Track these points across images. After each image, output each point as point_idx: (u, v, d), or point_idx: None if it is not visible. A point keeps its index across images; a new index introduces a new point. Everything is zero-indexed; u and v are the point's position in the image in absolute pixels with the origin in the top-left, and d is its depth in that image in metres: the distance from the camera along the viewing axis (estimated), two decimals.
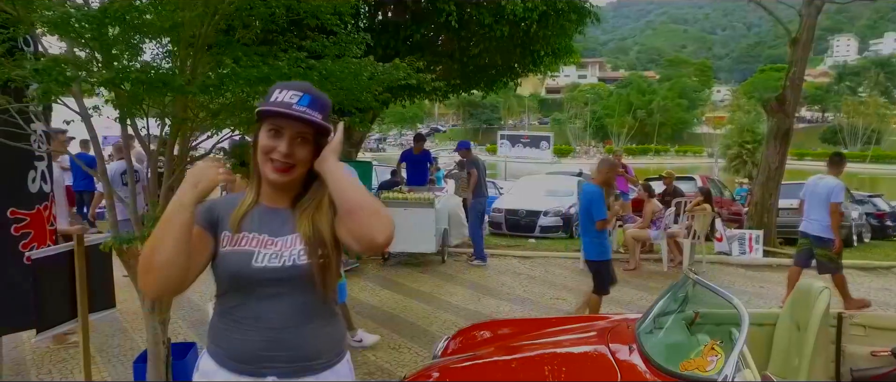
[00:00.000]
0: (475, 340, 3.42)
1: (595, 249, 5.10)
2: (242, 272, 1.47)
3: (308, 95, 1.47)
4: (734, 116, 46.52)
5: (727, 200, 13.38)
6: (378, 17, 8.32)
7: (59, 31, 1.89)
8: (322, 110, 1.48)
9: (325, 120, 1.48)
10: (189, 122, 2.49)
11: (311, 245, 1.47)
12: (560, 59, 9.62)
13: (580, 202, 5.29)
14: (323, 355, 1.56)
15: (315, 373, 1.54)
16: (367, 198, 1.43)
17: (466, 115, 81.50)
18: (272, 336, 1.49)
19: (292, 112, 1.43)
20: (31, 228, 3.25)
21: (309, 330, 1.52)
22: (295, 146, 1.46)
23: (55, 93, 1.91)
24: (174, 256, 1.37)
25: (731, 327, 3.18)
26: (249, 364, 1.50)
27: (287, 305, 1.49)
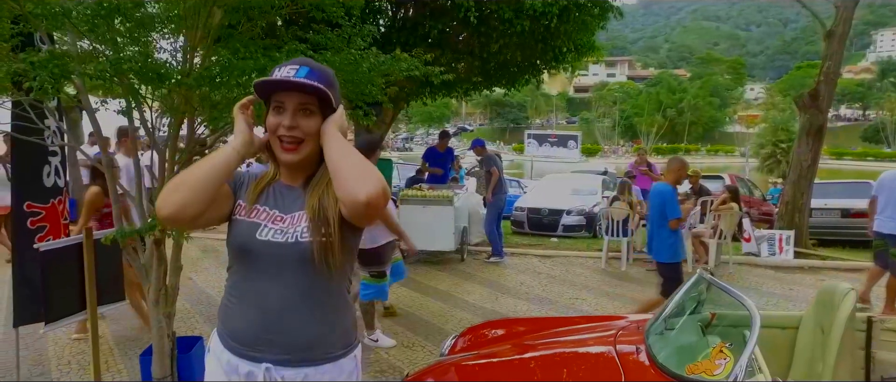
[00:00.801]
0: (484, 338, 3.36)
1: (668, 250, 4.91)
2: (246, 243, 1.47)
3: (306, 66, 1.44)
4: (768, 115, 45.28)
5: (757, 199, 13.00)
6: (399, 14, 8.31)
7: (49, 25, 1.90)
8: (323, 80, 1.44)
9: (331, 88, 1.45)
10: (189, 114, 2.48)
11: (315, 223, 1.43)
12: (583, 55, 9.47)
13: (650, 202, 5.13)
14: (324, 345, 1.48)
15: (314, 364, 1.47)
16: (352, 157, 1.38)
17: (493, 114, 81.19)
18: (270, 318, 1.45)
19: (287, 80, 1.41)
20: (46, 221, 3.31)
21: (310, 316, 1.46)
22: (298, 118, 1.44)
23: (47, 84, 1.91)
24: (204, 184, 1.38)
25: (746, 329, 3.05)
26: (247, 346, 1.47)
27: (289, 285, 1.45)
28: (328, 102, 1.45)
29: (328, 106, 1.46)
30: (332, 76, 1.50)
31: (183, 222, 1.40)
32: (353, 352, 1.56)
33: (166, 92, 2.26)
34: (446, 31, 7.78)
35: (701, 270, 2.70)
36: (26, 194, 3.27)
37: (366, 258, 4.57)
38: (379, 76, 2.76)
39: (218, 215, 1.50)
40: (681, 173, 5.14)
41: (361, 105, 3.28)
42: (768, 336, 3.20)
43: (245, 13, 2.60)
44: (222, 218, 1.52)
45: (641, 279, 7.31)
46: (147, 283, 2.77)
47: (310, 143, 1.46)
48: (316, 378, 1.48)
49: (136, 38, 2.37)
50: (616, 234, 7.81)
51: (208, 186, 1.38)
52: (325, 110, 1.46)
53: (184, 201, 1.36)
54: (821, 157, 9.88)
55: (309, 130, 1.44)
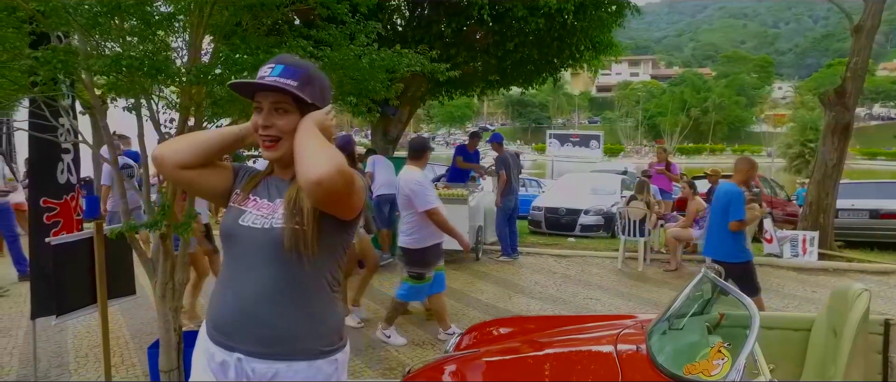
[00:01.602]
0: (490, 336, 3.34)
1: (734, 251, 4.78)
2: (230, 228, 1.51)
3: (281, 64, 1.47)
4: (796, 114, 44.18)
5: (782, 200, 12.69)
6: (415, 12, 8.33)
7: (52, 23, 1.95)
8: (296, 77, 1.45)
9: (304, 86, 1.45)
10: (193, 110, 2.52)
11: (289, 210, 1.44)
12: (601, 53, 9.38)
13: (715, 202, 5.00)
14: (296, 340, 1.44)
15: (285, 359, 1.43)
16: (311, 142, 1.38)
17: (515, 114, 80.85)
18: (244, 305, 1.45)
19: (255, 81, 1.44)
20: (60, 217, 3.39)
21: (283, 307, 1.43)
22: (273, 117, 1.46)
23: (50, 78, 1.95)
24: (198, 141, 1.52)
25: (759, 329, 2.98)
26: (223, 334, 1.47)
27: (264, 273, 1.45)
28: (304, 100, 1.46)
29: (308, 103, 1.47)
30: (311, 73, 1.50)
31: (169, 166, 1.49)
32: (334, 355, 1.50)
33: (169, 88, 2.30)
34: (462, 30, 7.78)
35: (705, 269, 2.64)
36: (42, 191, 3.36)
37: (410, 258, 4.53)
38: (381, 72, 2.76)
39: (209, 186, 1.57)
40: (750, 173, 5.00)
41: (366, 102, 3.29)
42: (780, 337, 3.12)
43: (250, 11, 2.63)
44: (214, 194, 1.59)
45: (658, 279, 7.20)
46: (154, 278, 2.82)
47: (287, 140, 1.47)
48: (288, 376, 1.44)
49: (143, 35, 2.41)
50: (633, 234, 7.71)
51: (202, 145, 1.51)
52: (304, 107, 1.47)
53: (176, 146, 1.50)
54: (853, 157, 9.62)
55: (283, 128, 1.46)
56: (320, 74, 1.55)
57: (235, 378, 1.46)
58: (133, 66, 1.96)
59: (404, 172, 4.65)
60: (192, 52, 2.38)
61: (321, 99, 1.51)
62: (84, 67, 2.06)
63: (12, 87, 2.73)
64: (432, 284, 4.74)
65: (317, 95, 1.49)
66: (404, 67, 2.90)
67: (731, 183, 4.93)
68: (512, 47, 7.81)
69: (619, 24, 8.43)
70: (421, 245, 4.47)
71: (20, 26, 2.59)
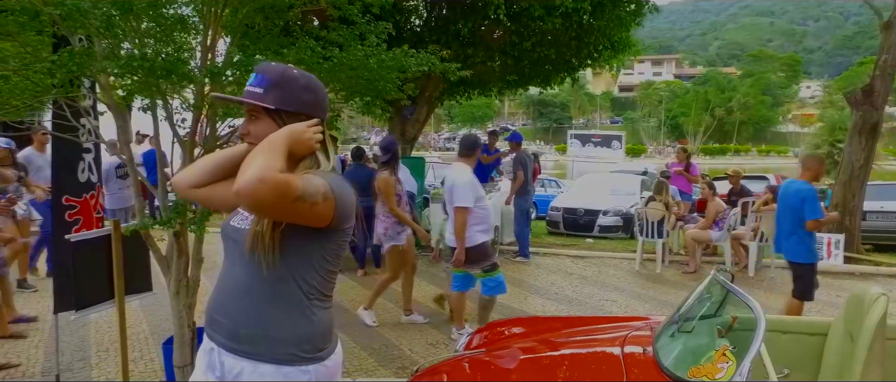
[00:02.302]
0: (500, 336, 3.33)
1: (804, 251, 4.73)
2: (223, 227, 1.58)
3: (259, 73, 1.49)
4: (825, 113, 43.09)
5: None
6: (432, 13, 8.36)
7: (67, 25, 2.01)
8: (262, 84, 1.46)
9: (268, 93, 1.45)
10: (205, 110, 2.57)
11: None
12: (620, 52, 9.30)
13: (784, 200, 4.85)
14: (261, 342, 1.44)
15: (251, 359, 1.43)
16: (254, 153, 1.37)
17: (536, 114, 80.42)
18: (220, 298, 1.52)
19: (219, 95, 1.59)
20: (80, 215, 3.48)
21: (249, 306, 1.45)
22: (249, 125, 1.51)
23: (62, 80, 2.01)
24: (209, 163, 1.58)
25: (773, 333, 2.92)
26: (207, 323, 1.55)
27: (239, 272, 1.49)
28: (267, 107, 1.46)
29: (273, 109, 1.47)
30: (280, 78, 1.48)
31: (183, 187, 1.56)
32: (306, 365, 1.46)
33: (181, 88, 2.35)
34: (479, 30, 7.78)
35: (715, 271, 2.61)
36: (64, 189, 3.45)
37: (472, 257, 4.49)
38: (391, 72, 2.78)
39: (222, 199, 1.58)
40: (819, 170, 4.92)
41: (379, 102, 3.31)
42: (795, 342, 3.06)
43: (262, 12, 2.67)
44: (228, 206, 1.61)
45: (676, 281, 7.10)
46: (168, 275, 2.88)
47: None
48: (252, 376, 1.44)
49: (159, 36, 2.47)
50: (651, 235, 7.62)
51: (211, 164, 1.57)
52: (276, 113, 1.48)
53: (189, 170, 1.59)
54: (882, 157, 9.37)
55: (257, 135, 1.47)
56: (299, 79, 1.51)
57: (209, 367, 1.53)
58: (145, 67, 2.01)
59: (453, 168, 4.66)
60: (205, 53, 2.43)
61: (295, 103, 1.49)
62: (99, 69, 2.12)
63: (35, 88, 2.81)
64: (464, 281, 4.72)
65: (287, 100, 1.47)
66: (414, 67, 2.91)
67: (802, 181, 4.78)
68: (529, 47, 7.79)
69: (637, 23, 8.35)
70: (472, 243, 4.42)
71: (42, 31, 2.67)
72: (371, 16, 2.94)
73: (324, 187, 1.40)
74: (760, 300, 2.63)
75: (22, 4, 2.15)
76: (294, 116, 1.48)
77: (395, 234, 5.06)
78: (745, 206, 7.80)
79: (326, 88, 3.20)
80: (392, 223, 5.05)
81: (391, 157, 5.10)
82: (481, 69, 8.26)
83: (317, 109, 1.53)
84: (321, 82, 1.59)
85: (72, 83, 2.26)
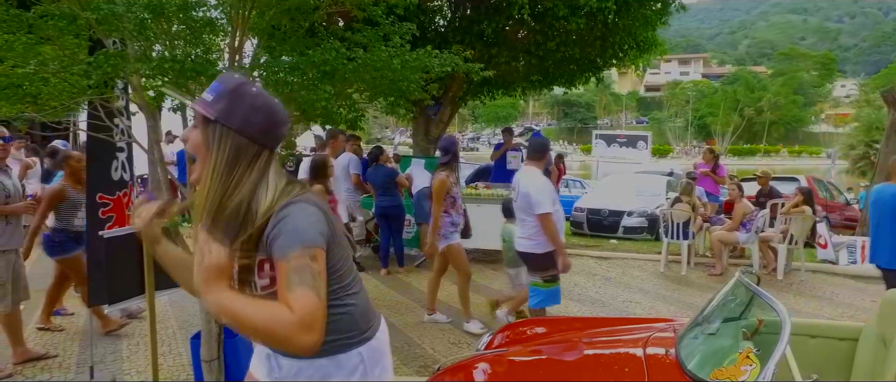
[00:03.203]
0: (522, 335, 3.34)
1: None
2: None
3: (217, 80, 1.39)
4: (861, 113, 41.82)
5: (839, 204, 12.10)
6: (457, 13, 8.39)
7: (103, 29, 2.08)
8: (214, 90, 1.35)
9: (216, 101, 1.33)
10: None
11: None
12: (645, 52, 9.20)
13: (880, 205, 4.61)
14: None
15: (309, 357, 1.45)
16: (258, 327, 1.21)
17: (561, 114, 79.86)
18: None
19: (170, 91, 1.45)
20: (113, 212, 3.59)
21: None
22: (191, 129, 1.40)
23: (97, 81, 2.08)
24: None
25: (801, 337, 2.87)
26: None
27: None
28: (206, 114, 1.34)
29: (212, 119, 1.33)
30: (238, 90, 1.35)
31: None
32: (356, 349, 1.50)
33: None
34: (503, 30, 7.77)
35: (740, 273, 2.57)
36: (98, 187, 3.56)
37: (535, 263, 4.39)
38: (414, 73, 2.81)
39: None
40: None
41: (402, 102, 3.34)
42: (825, 346, 2.99)
43: (288, 14, 2.73)
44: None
45: (702, 284, 6.99)
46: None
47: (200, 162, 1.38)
48: (309, 373, 1.47)
49: (188, 38, 2.53)
50: (677, 236, 7.51)
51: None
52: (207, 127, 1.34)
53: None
54: None
55: (192, 143, 1.38)
56: (255, 98, 1.36)
57: (269, 372, 1.53)
58: (176, 68, 2.07)
59: (525, 172, 4.51)
60: (233, 54, 2.49)
61: (238, 121, 1.33)
62: (132, 71, 2.19)
63: (72, 90, 2.91)
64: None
65: (231, 115, 1.33)
66: (437, 68, 2.93)
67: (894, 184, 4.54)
68: (553, 47, 7.76)
69: (663, 22, 8.24)
70: (545, 249, 4.28)
71: (79, 34, 2.77)
72: (395, 17, 2.97)
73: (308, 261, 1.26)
74: (790, 305, 2.58)
75: (61, 9, 2.24)
76: (233, 134, 1.33)
77: (448, 233, 4.97)
78: (773, 208, 7.64)
79: (351, 88, 3.26)
80: (446, 223, 4.94)
81: (451, 157, 4.98)
82: (505, 69, 8.26)
83: (263, 135, 1.36)
84: (283, 112, 1.41)
85: (106, 84, 2.34)
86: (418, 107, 8.33)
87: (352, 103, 2.99)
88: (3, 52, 2.33)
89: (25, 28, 2.32)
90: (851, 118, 48.58)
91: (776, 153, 60.45)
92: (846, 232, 9.72)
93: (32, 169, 8.02)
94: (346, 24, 4.97)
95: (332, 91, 2.54)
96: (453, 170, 4.99)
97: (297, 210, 1.33)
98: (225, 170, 1.33)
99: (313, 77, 2.60)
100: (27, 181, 7.54)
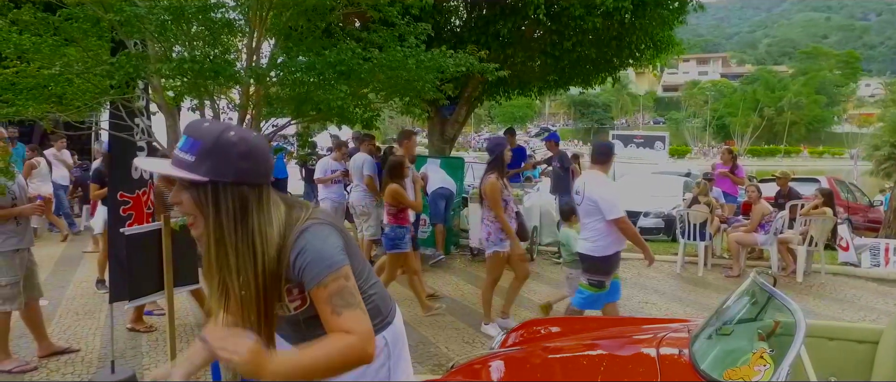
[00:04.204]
0: (536, 334, 3.34)
1: None
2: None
3: (190, 136, 1.30)
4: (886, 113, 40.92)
5: (862, 205, 11.87)
6: (473, 13, 8.40)
7: (125, 31, 2.14)
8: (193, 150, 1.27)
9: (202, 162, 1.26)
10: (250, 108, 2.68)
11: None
12: (663, 51, 9.13)
13: None
14: None
15: None
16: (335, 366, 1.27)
17: (577, 114, 79.39)
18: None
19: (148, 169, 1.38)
20: (133, 210, 3.67)
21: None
22: (180, 193, 1.32)
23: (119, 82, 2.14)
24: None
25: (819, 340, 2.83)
26: None
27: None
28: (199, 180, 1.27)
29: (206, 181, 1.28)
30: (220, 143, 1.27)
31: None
32: (380, 333, 1.58)
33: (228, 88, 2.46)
34: (519, 29, 7.77)
35: (755, 274, 2.55)
36: (119, 185, 3.64)
37: (591, 265, 4.37)
38: (429, 73, 2.83)
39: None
40: None
41: (418, 102, 3.37)
42: (843, 349, 2.95)
43: (305, 15, 2.76)
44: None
45: (718, 285, 6.92)
46: None
47: (201, 219, 1.32)
48: None
49: (208, 39, 2.58)
50: (693, 237, 7.44)
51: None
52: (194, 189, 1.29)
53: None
54: None
55: (187, 208, 1.31)
56: (237, 145, 1.29)
57: None
58: (195, 69, 2.12)
59: (590, 176, 4.49)
60: (250, 55, 2.54)
61: (231, 173, 1.28)
62: (153, 71, 2.24)
63: (94, 90, 2.99)
64: (608, 292, 4.53)
65: (222, 170, 1.28)
66: (452, 68, 2.95)
67: None
68: (569, 46, 7.73)
69: (681, 22, 8.17)
70: (604, 253, 4.29)
71: (102, 35, 2.84)
72: (410, 17, 2.99)
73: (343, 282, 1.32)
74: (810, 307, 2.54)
75: (85, 12, 2.30)
76: (231, 187, 1.29)
77: (498, 239, 4.86)
78: (793, 209, 7.53)
79: (367, 88, 3.29)
80: (496, 229, 4.84)
81: (497, 159, 4.82)
82: (521, 69, 8.24)
83: (257, 176, 1.33)
84: (264, 143, 1.38)
85: (128, 85, 2.40)
86: (433, 107, 8.35)
87: (367, 103, 3.02)
88: (31, 54, 2.40)
89: (52, 30, 2.38)
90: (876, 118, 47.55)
91: (797, 154, 59.42)
92: (870, 234, 9.54)
93: (37, 169, 8.16)
94: (362, 24, 5.01)
95: (347, 91, 2.57)
96: (501, 173, 4.82)
97: (312, 237, 1.34)
98: (240, 226, 1.30)
99: (329, 77, 2.64)
100: (31, 180, 7.67)
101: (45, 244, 8.26)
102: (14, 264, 3.79)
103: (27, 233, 3.99)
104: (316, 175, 8.06)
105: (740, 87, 71.40)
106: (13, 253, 3.79)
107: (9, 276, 3.75)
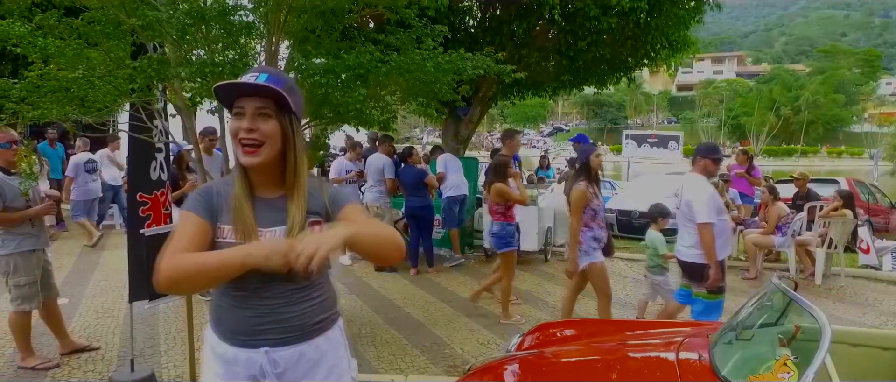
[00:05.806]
0: (552, 337, 3.33)
1: None
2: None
3: (265, 73, 1.51)
4: None
5: (883, 207, 11.67)
6: (487, 14, 8.38)
7: (147, 35, 2.16)
8: (282, 84, 1.50)
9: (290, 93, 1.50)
10: None
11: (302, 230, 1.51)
12: (678, 51, 9.04)
13: None
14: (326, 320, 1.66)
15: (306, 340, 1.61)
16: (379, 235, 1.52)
17: (591, 114, 79.02)
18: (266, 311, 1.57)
19: (242, 81, 1.46)
20: (151, 211, 3.70)
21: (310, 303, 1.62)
22: (257, 121, 1.49)
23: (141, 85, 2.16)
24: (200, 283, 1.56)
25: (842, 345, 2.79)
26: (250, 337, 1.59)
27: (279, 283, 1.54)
28: (287, 107, 1.51)
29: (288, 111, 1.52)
30: (293, 84, 1.56)
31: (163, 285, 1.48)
32: (338, 322, 1.70)
33: None
34: (534, 30, 7.74)
35: (774, 278, 2.51)
36: (138, 186, 3.68)
37: (695, 272, 4.21)
38: (446, 75, 2.83)
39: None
40: None
41: (435, 103, 3.37)
42: (868, 355, 2.90)
43: (322, 17, 2.78)
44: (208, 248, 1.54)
45: (735, 288, 6.83)
46: None
47: (269, 146, 1.50)
48: (309, 353, 1.60)
49: (227, 42, 2.61)
50: None
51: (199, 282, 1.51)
52: (283, 117, 1.52)
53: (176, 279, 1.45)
54: None
55: (267, 133, 1.49)
56: (298, 88, 1.61)
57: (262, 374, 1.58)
58: (215, 72, 2.14)
59: (689, 179, 4.35)
60: (268, 57, 2.55)
61: (300, 110, 1.60)
62: (174, 74, 2.27)
63: (115, 92, 3.03)
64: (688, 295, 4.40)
65: (299, 106, 1.58)
66: (470, 70, 2.95)
67: None
68: (584, 47, 7.69)
69: (697, 21, 8.08)
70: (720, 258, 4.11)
71: (124, 38, 2.87)
72: (427, 19, 3.00)
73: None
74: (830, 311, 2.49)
75: (107, 16, 2.33)
76: (297, 121, 1.58)
77: (590, 249, 4.56)
78: (811, 211, 7.43)
79: (384, 90, 3.31)
80: (587, 238, 4.55)
81: (585, 166, 4.56)
82: (535, 70, 8.21)
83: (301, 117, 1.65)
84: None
85: (148, 87, 2.43)
86: (448, 107, 8.35)
87: (385, 105, 3.03)
88: (56, 58, 2.44)
89: (75, 34, 2.42)
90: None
91: (814, 154, 58.60)
92: (891, 237, 9.39)
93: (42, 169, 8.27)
94: (377, 26, 5.02)
95: (365, 93, 2.58)
96: (589, 180, 4.54)
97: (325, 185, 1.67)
98: (304, 154, 1.58)
99: (347, 79, 2.65)
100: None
101: (65, 242, 8.39)
102: (31, 264, 3.88)
103: (42, 234, 4.07)
104: (331, 175, 8.10)
105: (756, 86, 70.51)
106: (30, 253, 3.88)
107: (27, 276, 3.86)
